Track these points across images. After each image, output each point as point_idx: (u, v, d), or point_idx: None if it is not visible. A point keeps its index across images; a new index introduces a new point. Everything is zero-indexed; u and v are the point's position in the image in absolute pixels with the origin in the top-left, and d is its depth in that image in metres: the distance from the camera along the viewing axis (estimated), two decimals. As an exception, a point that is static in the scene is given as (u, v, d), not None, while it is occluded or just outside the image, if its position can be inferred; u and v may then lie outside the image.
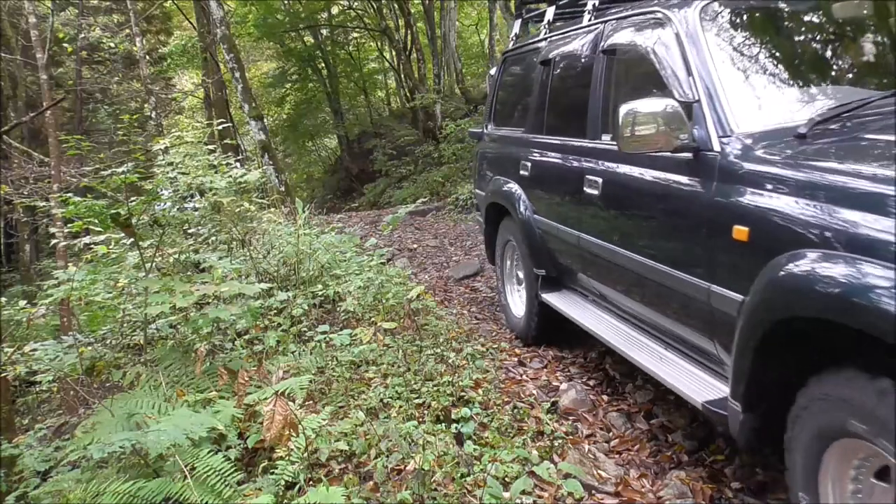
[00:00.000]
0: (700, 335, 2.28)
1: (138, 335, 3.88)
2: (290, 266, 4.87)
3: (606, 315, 3.13)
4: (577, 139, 3.10)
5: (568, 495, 2.33)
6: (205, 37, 13.94)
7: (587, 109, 2.99)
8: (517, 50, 4.32)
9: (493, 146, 4.49)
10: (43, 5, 11.97)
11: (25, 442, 2.89)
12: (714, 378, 2.28)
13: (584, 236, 2.95)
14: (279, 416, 2.01)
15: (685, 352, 2.50)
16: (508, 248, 4.20)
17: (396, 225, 5.86)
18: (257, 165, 11.26)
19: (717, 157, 2.05)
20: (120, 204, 3.24)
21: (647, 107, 2.11)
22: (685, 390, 2.27)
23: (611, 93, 2.86)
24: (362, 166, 18.73)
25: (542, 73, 3.61)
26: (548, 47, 3.65)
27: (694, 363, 2.42)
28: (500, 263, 4.34)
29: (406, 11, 17.26)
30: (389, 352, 3.59)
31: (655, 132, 2.11)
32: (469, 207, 10.48)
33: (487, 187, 4.30)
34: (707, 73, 2.20)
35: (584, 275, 3.21)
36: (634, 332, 2.85)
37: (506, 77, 4.49)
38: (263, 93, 20.87)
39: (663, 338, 2.66)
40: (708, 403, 2.11)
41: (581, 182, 2.93)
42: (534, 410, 3.05)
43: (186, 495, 2.07)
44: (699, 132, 2.11)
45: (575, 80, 3.33)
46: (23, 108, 13.03)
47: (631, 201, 2.66)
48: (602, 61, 2.92)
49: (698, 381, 2.31)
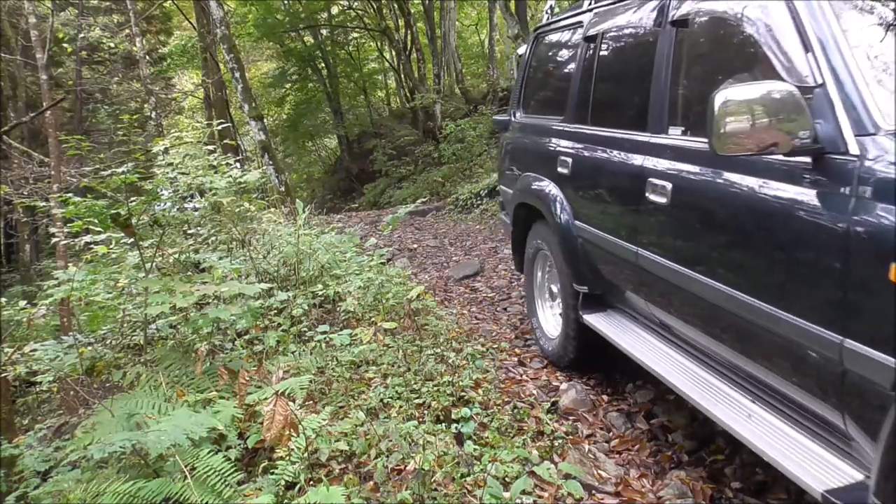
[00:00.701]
0: (818, 400, 1.72)
1: (138, 335, 3.88)
2: (290, 266, 4.87)
3: (669, 349, 2.52)
4: (634, 132, 2.53)
5: (568, 495, 2.33)
6: (205, 37, 13.94)
7: (648, 96, 2.43)
8: (553, 25, 3.70)
9: (522, 137, 3.90)
10: (43, 5, 11.97)
11: (25, 442, 2.89)
12: (830, 452, 1.73)
13: (645, 253, 2.37)
14: (279, 416, 2.01)
15: (783, 410, 1.94)
16: (540, 257, 3.67)
17: (396, 225, 5.86)
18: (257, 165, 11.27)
19: (853, 164, 1.50)
20: (120, 204, 3.24)
21: (754, 93, 1.58)
22: (794, 469, 1.70)
23: (681, 75, 2.30)
24: (362, 166, 18.74)
25: (585, 52, 3.06)
26: (593, 20, 3.06)
27: (797, 426, 1.87)
28: (528, 273, 3.81)
29: (406, 11, 17.27)
30: (389, 352, 3.59)
31: (768, 128, 1.58)
32: (469, 207, 10.47)
33: (515, 185, 3.76)
34: (835, 47, 1.62)
35: (639, 297, 2.63)
36: (710, 375, 2.26)
37: (538, 57, 3.89)
38: (263, 93, 20.88)
39: (751, 388, 2.07)
40: (832, 494, 1.57)
41: (641, 186, 2.35)
42: (534, 410, 3.05)
43: (186, 495, 2.07)
44: (824, 128, 1.58)
45: (630, 60, 2.79)
46: (23, 108, 13.03)
47: (716, 215, 2.02)
48: (670, 35, 2.34)
49: (807, 455, 1.75)
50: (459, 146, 13.89)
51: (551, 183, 3.27)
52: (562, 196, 3.17)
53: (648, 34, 2.55)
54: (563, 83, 3.38)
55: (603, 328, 2.88)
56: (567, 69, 3.34)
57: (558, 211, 3.16)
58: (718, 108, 1.61)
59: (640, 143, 2.48)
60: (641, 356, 2.55)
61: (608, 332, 2.83)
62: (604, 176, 2.84)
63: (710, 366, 2.30)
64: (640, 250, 2.42)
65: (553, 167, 3.24)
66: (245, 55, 18.77)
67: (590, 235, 2.90)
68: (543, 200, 3.31)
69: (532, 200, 3.50)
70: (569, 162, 3.10)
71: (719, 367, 2.25)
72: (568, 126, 3.19)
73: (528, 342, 4.13)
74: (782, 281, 1.73)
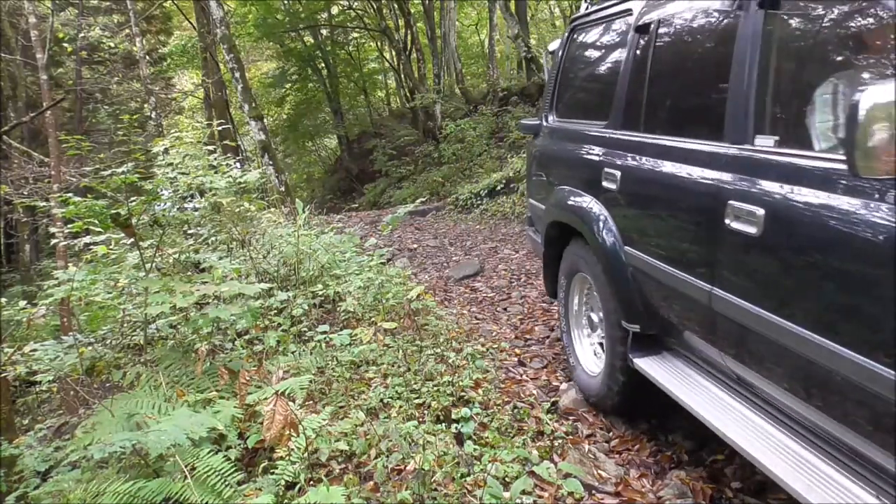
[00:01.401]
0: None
1: (138, 335, 3.88)
2: (290, 266, 4.87)
3: (752, 413, 2.01)
4: (705, 142, 2.07)
5: (568, 495, 2.33)
6: (205, 37, 13.95)
7: (725, 97, 1.98)
8: (593, 15, 3.22)
9: (556, 144, 3.43)
10: (43, 5, 11.97)
11: (25, 442, 2.89)
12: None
13: (723, 295, 1.89)
14: (279, 416, 2.00)
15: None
16: (577, 282, 3.23)
17: (396, 225, 5.86)
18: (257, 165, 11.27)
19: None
20: (120, 204, 3.25)
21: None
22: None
23: (772, 71, 1.84)
24: (362, 166, 18.75)
25: (636, 45, 2.61)
26: (647, 7, 2.62)
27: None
28: (563, 300, 3.34)
29: (406, 11, 17.27)
30: (389, 352, 3.59)
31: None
32: (469, 207, 10.47)
33: (548, 199, 3.32)
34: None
35: (711, 346, 2.14)
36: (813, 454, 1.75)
37: (575, 53, 3.43)
38: (263, 93, 20.89)
39: (875, 478, 1.58)
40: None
41: (718, 210, 1.89)
42: (534, 410, 3.05)
43: (186, 495, 2.07)
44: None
45: (698, 53, 2.36)
46: (23, 108, 13.04)
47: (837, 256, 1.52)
48: (756, 21, 1.89)
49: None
50: (459, 146, 13.90)
51: (593, 199, 2.79)
52: (607, 215, 2.68)
53: (724, 20, 2.11)
54: (606, 83, 2.94)
55: (659, 377, 2.37)
56: (611, 66, 2.90)
57: (603, 233, 2.66)
58: (865, 115, 1.22)
59: (715, 156, 1.99)
60: (715, 420, 2.03)
61: (666, 383, 2.32)
62: (664, 195, 2.30)
63: (813, 443, 1.78)
64: (716, 290, 1.92)
65: (596, 181, 2.76)
66: (245, 55, 18.78)
67: (644, 265, 2.40)
68: (584, 219, 2.82)
69: (569, 218, 3.03)
70: (616, 176, 2.60)
71: (825, 445, 1.75)
72: (614, 133, 2.73)
73: (529, 342, 4.13)
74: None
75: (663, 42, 2.48)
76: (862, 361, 1.41)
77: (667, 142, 2.33)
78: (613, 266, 2.62)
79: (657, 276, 2.32)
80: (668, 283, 2.25)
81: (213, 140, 6.75)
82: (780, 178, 1.71)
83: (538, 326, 4.43)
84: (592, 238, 2.75)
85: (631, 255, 2.52)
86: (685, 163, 2.17)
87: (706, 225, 1.98)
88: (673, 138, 2.30)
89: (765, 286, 1.76)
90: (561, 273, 3.34)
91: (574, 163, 3.13)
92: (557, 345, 4.04)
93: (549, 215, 3.29)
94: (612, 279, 2.64)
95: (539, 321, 4.57)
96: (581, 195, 2.93)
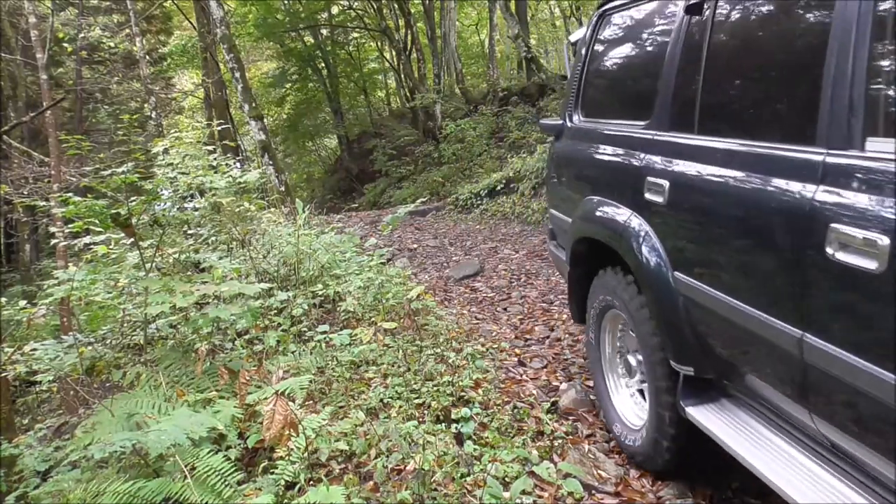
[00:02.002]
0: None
1: (138, 335, 3.88)
2: (290, 266, 4.87)
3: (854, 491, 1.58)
4: (790, 146, 1.64)
5: (568, 495, 2.33)
6: (205, 37, 13.95)
7: (816, 91, 1.55)
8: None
9: (583, 147, 2.95)
10: (43, 5, 11.97)
11: (25, 442, 2.89)
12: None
13: (822, 345, 1.47)
14: (279, 416, 2.00)
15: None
16: (610, 320, 2.78)
17: (396, 225, 5.86)
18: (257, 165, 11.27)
19: None
20: (120, 204, 3.25)
21: None
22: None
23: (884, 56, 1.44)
24: (362, 166, 18.76)
25: (687, 29, 2.17)
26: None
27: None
28: (593, 332, 2.87)
29: (406, 11, 17.29)
30: (389, 352, 3.59)
31: None
32: (469, 207, 10.47)
33: (575, 211, 2.87)
34: None
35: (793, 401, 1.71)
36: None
37: (606, 41, 2.96)
38: (263, 93, 20.91)
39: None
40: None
41: (816, 235, 1.47)
42: (534, 410, 3.05)
43: (186, 495, 2.07)
44: None
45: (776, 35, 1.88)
46: (23, 108, 13.04)
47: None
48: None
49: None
50: (459, 146, 13.91)
51: (632, 213, 2.33)
52: (650, 232, 2.21)
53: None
54: (646, 76, 2.49)
55: (721, 433, 1.94)
56: (653, 56, 2.46)
57: (645, 252, 2.21)
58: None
59: (807, 166, 1.55)
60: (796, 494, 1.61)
61: (731, 441, 1.89)
62: (731, 212, 1.83)
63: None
64: (811, 339, 1.50)
65: (636, 192, 2.31)
66: (245, 55, 18.79)
67: (700, 296, 1.96)
68: (621, 236, 2.36)
69: (601, 234, 2.59)
70: (663, 187, 2.13)
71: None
72: (660, 135, 2.27)
73: (529, 342, 4.13)
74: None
75: (724, 23, 2.03)
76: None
77: (732, 146, 1.87)
78: (659, 293, 2.15)
79: (720, 312, 1.86)
80: (735, 322, 1.79)
81: (213, 140, 6.75)
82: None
83: (538, 326, 4.43)
84: (632, 257, 2.28)
85: (683, 283, 2.04)
86: (761, 173, 1.72)
87: (795, 254, 1.54)
88: (740, 142, 1.85)
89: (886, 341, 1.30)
90: (590, 305, 2.85)
91: (606, 169, 2.69)
92: (557, 345, 4.04)
93: (577, 230, 2.83)
94: (658, 309, 2.17)
95: (539, 321, 4.57)
96: (616, 207, 2.47)
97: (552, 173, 3.38)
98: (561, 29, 21.04)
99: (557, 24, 22.86)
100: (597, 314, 2.81)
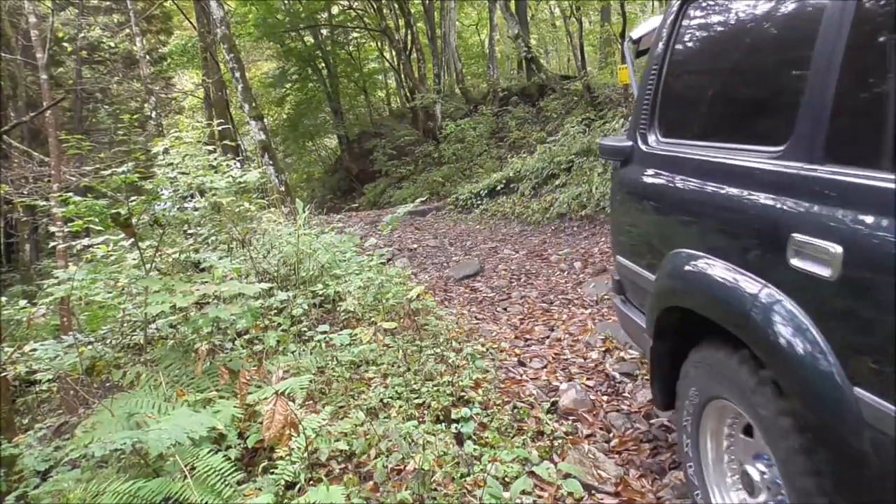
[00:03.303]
0: None
1: (138, 335, 3.88)
2: (290, 266, 4.87)
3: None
4: None
5: (568, 495, 2.33)
6: (205, 37, 13.96)
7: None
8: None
9: (667, 179, 2.18)
10: (43, 5, 11.98)
11: (25, 442, 2.89)
12: None
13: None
14: (279, 416, 2.01)
15: None
16: (715, 412, 1.97)
17: (396, 225, 5.86)
18: (257, 165, 11.27)
19: None
20: (120, 204, 3.25)
21: None
22: None
23: None
24: (362, 166, 18.76)
25: (856, 9, 1.43)
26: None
27: None
28: (690, 426, 2.07)
29: (406, 11, 17.29)
30: (389, 352, 3.59)
31: None
32: (469, 207, 10.47)
33: (660, 266, 2.12)
34: None
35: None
36: None
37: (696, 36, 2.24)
38: (263, 93, 20.92)
39: None
40: None
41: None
42: (534, 410, 3.05)
43: (186, 495, 2.07)
44: None
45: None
46: (23, 107, 13.04)
47: None
48: None
49: None
50: (459, 146, 13.92)
51: (766, 286, 1.58)
52: (807, 321, 1.46)
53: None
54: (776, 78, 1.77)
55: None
56: (790, 48, 1.73)
57: (798, 352, 1.46)
58: None
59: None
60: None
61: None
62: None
63: None
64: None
65: (772, 253, 1.57)
66: (245, 55, 18.80)
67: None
68: (749, 321, 1.60)
69: (712, 311, 1.83)
70: (832, 254, 1.37)
71: None
72: (813, 169, 1.49)
73: (529, 342, 4.13)
74: None
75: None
76: None
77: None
78: (826, 417, 1.41)
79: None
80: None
81: (213, 140, 6.75)
82: None
83: (538, 326, 4.43)
84: (771, 353, 1.56)
85: (872, 408, 1.28)
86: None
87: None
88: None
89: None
90: (684, 390, 2.08)
91: (710, 214, 1.90)
92: (557, 345, 4.04)
93: (665, 294, 2.07)
94: (825, 439, 1.43)
95: (539, 321, 4.57)
96: (734, 272, 1.71)
97: (619, 209, 2.62)
98: (561, 29, 21.02)
99: (557, 24, 22.85)
100: (695, 406, 2.01)
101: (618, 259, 2.66)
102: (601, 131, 9.54)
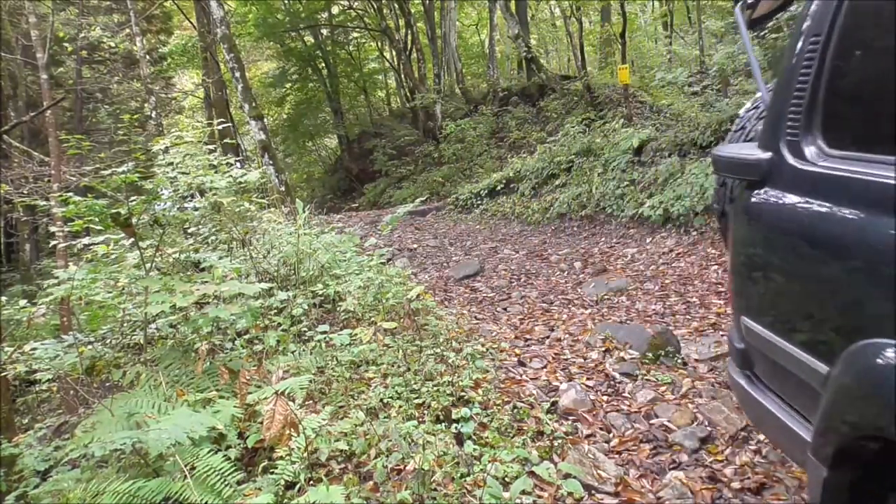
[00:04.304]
0: None
1: (138, 335, 3.88)
2: (290, 266, 4.87)
3: None
4: None
5: (568, 495, 2.33)
6: (205, 36, 13.96)
7: None
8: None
9: (848, 218, 1.39)
10: (43, 5, 11.97)
11: (25, 441, 2.89)
12: None
13: None
14: (279, 416, 2.01)
15: None
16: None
17: (396, 225, 5.86)
18: (257, 165, 11.27)
19: None
20: (120, 204, 3.24)
21: None
22: None
23: None
24: (362, 166, 18.76)
25: None
26: None
27: None
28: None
29: (406, 11, 17.29)
30: (389, 352, 3.59)
31: None
32: (469, 207, 10.47)
33: (850, 363, 1.32)
34: None
35: None
36: None
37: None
38: (263, 93, 20.91)
39: None
40: None
41: None
42: (534, 410, 3.05)
43: (186, 495, 2.07)
44: None
45: None
46: (23, 107, 13.04)
47: None
48: None
49: None
50: (459, 146, 13.93)
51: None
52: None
53: None
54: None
55: None
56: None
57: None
58: None
59: None
60: None
61: None
62: None
63: None
64: None
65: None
66: (245, 55, 18.80)
67: None
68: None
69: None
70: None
71: None
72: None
73: (529, 342, 4.13)
74: None
75: None
76: None
77: None
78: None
79: None
80: None
81: (213, 140, 6.75)
82: None
83: (538, 326, 4.43)
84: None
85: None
86: None
87: None
88: None
89: None
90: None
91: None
92: (557, 345, 4.04)
93: (866, 416, 1.31)
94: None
95: (539, 321, 4.57)
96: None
97: (747, 250, 1.87)
98: (561, 29, 21.01)
99: (558, 24, 22.84)
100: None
101: (743, 321, 1.87)
102: (601, 131, 9.54)
